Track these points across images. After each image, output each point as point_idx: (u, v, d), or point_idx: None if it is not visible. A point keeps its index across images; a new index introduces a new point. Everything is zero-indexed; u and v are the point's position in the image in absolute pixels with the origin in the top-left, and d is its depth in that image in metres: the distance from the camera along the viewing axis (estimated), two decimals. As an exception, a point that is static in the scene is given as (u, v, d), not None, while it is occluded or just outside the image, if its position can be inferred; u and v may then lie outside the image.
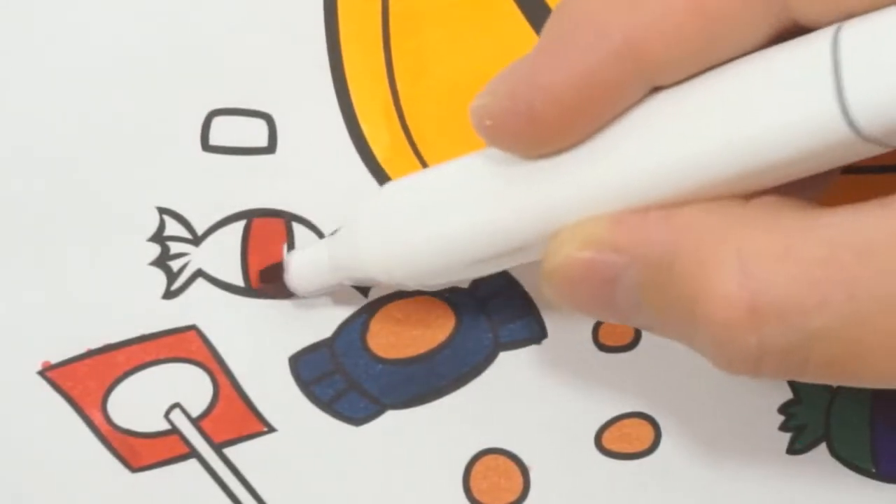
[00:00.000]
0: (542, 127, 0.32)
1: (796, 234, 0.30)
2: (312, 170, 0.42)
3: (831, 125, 0.28)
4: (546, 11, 0.41)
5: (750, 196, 0.32)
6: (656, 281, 0.31)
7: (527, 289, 0.42)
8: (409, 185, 0.37)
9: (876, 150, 0.29)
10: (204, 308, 0.42)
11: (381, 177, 0.42)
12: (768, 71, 0.30)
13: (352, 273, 0.38)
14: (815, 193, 0.33)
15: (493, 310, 0.42)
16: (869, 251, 0.29)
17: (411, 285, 0.37)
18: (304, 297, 0.41)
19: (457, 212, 0.35)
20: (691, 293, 0.31)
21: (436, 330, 0.42)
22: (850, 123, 0.28)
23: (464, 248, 0.35)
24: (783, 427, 0.43)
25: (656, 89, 0.32)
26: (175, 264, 0.42)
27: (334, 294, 0.42)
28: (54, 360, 0.41)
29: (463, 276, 0.37)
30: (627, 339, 0.42)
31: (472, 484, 0.42)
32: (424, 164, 0.42)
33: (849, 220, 0.29)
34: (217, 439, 0.42)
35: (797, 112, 0.29)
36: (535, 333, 0.42)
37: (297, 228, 0.42)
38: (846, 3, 0.29)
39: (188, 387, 0.42)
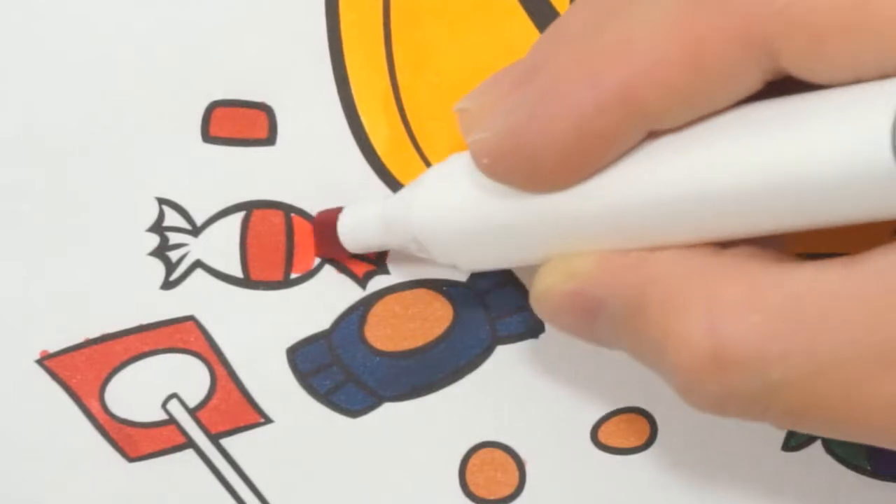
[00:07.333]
0: (541, 169, 0.33)
1: (763, 285, 0.30)
2: (312, 162, 0.42)
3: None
4: (547, 6, 0.41)
5: (726, 245, 0.32)
6: (630, 320, 0.33)
7: (525, 283, 0.42)
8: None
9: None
10: (202, 299, 0.42)
11: (381, 170, 0.42)
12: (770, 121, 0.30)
13: (398, 237, 0.38)
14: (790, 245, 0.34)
15: (490, 303, 0.42)
16: (830, 306, 0.29)
17: (452, 262, 0.37)
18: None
19: (495, 206, 0.35)
20: (660, 337, 0.32)
21: (433, 323, 0.42)
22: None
23: (494, 241, 0.36)
24: (779, 424, 0.43)
25: (654, 133, 0.32)
26: (174, 255, 0.42)
27: (332, 286, 0.42)
28: (52, 349, 0.41)
29: (495, 266, 0.38)
30: (625, 335, 0.42)
31: (468, 477, 0.42)
32: (424, 158, 0.42)
33: (814, 276, 0.30)
34: (214, 430, 0.42)
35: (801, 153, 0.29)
36: (533, 327, 0.42)
37: (297, 220, 0.42)
38: (833, 55, 0.29)
39: (186, 377, 0.42)
